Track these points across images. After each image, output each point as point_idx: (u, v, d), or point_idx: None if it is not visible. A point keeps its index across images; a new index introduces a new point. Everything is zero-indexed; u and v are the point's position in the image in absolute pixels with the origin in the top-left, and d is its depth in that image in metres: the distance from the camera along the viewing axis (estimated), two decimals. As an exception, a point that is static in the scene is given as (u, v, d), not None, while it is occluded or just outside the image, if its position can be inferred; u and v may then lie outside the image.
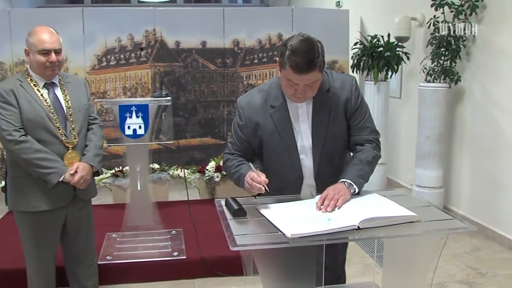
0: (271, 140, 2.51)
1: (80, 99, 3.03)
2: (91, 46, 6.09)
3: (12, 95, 2.79)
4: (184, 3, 12.49)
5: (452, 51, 4.87)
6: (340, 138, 2.53)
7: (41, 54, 2.82)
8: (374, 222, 2.04)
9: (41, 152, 2.78)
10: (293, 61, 2.22)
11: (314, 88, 2.35)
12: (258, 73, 6.42)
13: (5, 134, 2.76)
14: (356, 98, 2.50)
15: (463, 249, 4.46)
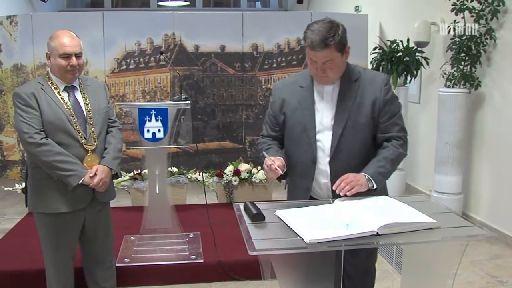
0: (293, 117, 2.61)
1: (99, 102, 3.05)
2: (111, 50, 6.15)
3: (33, 98, 2.80)
4: (203, 7, 12.55)
5: (472, 56, 4.83)
6: (360, 129, 2.53)
7: (62, 58, 2.83)
8: (393, 228, 2.03)
9: (61, 155, 2.79)
10: (309, 38, 2.41)
11: (333, 68, 2.45)
12: (277, 77, 6.42)
13: (26, 137, 2.77)
14: (385, 94, 2.54)
15: (483, 256, 4.41)
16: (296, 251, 1.92)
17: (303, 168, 2.61)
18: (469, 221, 2.26)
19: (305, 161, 2.59)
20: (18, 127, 2.81)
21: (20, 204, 5.92)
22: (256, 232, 2.05)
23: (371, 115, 2.53)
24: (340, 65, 2.48)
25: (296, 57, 6.42)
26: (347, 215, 2.19)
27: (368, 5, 7.63)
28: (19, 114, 2.81)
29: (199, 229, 4.39)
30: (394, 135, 2.56)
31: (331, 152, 2.53)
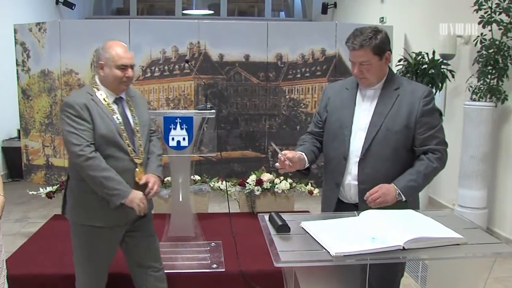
0: (334, 114, 2.76)
1: (143, 114, 3.05)
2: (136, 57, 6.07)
3: (86, 110, 2.76)
4: (228, 16, 12.62)
5: (499, 70, 4.79)
6: (393, 137, 2.60)
7: (119, 69, 2.82)
8: (419, 243, 2.02)
9: (107, 171, 2.75)
10: (349, 39, 2.59)
11: (370, 70, 2.58)
12: (301, 87, 6.42)
13: (76, 149, 2.71)
14: (424, 105, 2.60)
15: (508, 273, 4.35)
16: (322, 263, 1.91)
17: (335, 163, 2.73)
18: (496, 238, 2.23)
19: (337, 157, 2.71)
20: (68, 138, 2.75)
21: (44, 207, 6.00)
22: (281, 243, 2.05)
23: (406, 125, 2.60)
24: (377, 68, 2.60)
25: (320, 68, 6.42)
26: (373, 228, 2.18)
27: (393, 17, 7.60)
28: (69, 124, 2.75)
29: (221, 238, 4.39)
30: (432, 148, 2.60)
31: (362, 153, 2.63)
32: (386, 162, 2.61)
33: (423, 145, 2.61)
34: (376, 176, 2.59)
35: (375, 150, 2.61)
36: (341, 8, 10.42)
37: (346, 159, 2.67)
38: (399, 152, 2.62)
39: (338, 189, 2.73)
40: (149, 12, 13.72)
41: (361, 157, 2.63)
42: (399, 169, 2.61)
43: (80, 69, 6.16)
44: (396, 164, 2.62)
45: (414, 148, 2.63)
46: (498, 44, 4.76)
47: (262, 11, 13.59)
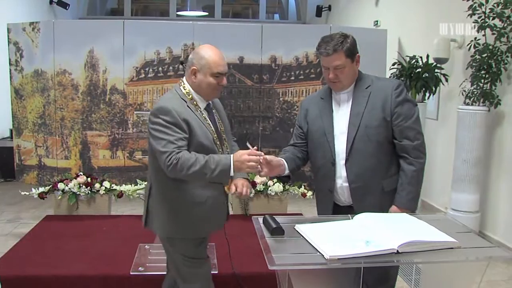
0: (314, 124, 2.87)
1: (225, 119, 2.97)
2: (130, 58, 6.19)
3: (184, 119, 2.61)
4: (222, 18, 12.62)
5: (492, 74, 4.81)
6: (374, 132, 2.71)
7: (214, 76, 2.68)
8: (413, 247, 2.02)
9: (197, 163, 2.52)
10: (321, 46, 2.66)
11: (345, 73, 2.68)
12: (295, 90, 6.43)
13: (164, 157, 2.53)
14: (396, 96, 2.71)
15: (500, 276, 4.36)
16: (316, 267, 1.91)
17: (324, 170, 2.83)
18: (489, 241, 2.24)
19: (325, 164, 2.82)
20: (157, 147, 2.57)
21: (36, 208, 5.98)
22: (276, 246, 2.05)
23: (383, 117, 2.70)
24: (351, 71, 2.71)
25: (314, 71, 6.42)
26: (367, 231, 2.18)
27: (387, 20, 7.63)
28: (161, 131, 2.58)
29: (213, 240, 4.36)
30: (409, 146, 2.71)
31: (346, 153, 2.74)
32: (371, 158, 2.72)
33: (401, 137, 2.71)
34: (364, 173, 2.73)
35: (359, 148, 2.72)
36: (336, 11, 10.44)
37: (333, 164, 2.78)
38: (382, 146, 2.73)
39: (332, 194, 2.83)
40: (144, 13, 13.71)
41: (347, 158, 2.74)
42: (385, 162, 2.75)
43: (73, 69, 6.14)
44: (381, 158, 2.74)
45: (394, 141, 2.74)
46: (491, 48, 4.78)
47: (256, 13, 13.60)
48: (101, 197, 5.23)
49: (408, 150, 2.71)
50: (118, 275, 3.77)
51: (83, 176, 5.20)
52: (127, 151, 6.27)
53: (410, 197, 2.72)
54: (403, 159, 2.74)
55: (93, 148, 6.25)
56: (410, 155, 2.71)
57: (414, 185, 2.72)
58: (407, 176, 2.71)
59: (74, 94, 6.16)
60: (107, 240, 4.45)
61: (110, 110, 6.21)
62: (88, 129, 6.21)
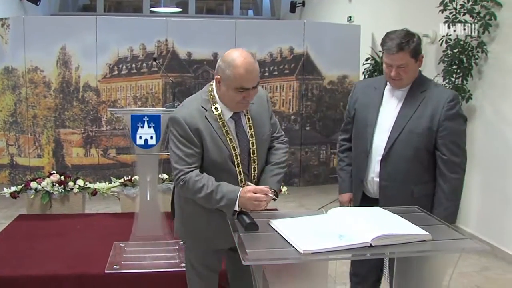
0: (360, 112, 2.91)
1: (264, 124, 2.65)
2: (103, 55, 6.13)
3: (196, 132, 2.45)
4: (196, 14, 12.57)
5: (464, 69, 4.87)
6: (416, 138, 2.72)
7: (238, 91, 2.39)
8: (386, 240, 2.04)
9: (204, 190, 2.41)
10: (387, 43, 2.66)
11: (407, 72, 2.67)
12: (269, 86, 6.44)
13: (175, 173, 2.48)
14: (448, 109, 2.69)
15: (472, 268, 4.43)
16: (290, 261, 1.91)
17: (359, 160, 2.91)
18: (461, 234, 2.27)
19: (361, 154, 2.89)
20: (171, 157, 2.51)
21: (8, 208, 5.89)
22: (250, 241, 2.05)
23: (429, 127, 2.70)
24: (413, 70, 2.70)
25: (288, 66, 6.44)
26: (340, 225, 2.20)
27: (361, 16, 7.66)
28: (174, 143, 2.49)
29: (189, 237, 4.36)
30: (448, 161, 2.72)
31: (384, 152, 2.77)
32: (407, 162, 2.74)
33: (443, 150, 2.72)
34: (397, 175, 2.76)
35: (397, 150, 2.74)
36: (309, 7, 10.46)
37: (368, 156, 2.84)
38: (420, 153, 2.75)
39: (362, 184, 2.91)
40: (116, 9, 13.58)
41: (384, 156, 2.77)
42: (420, 169, 2.77)
43: (45, 66, 6.06)
44: (416, 165, 2.76)
45: (436, 152, 2.75)
46: (462, 44, 4.84)
47: (230, 9, 13.57)
48: (75, 196, 5.17)
49: (446, 165, 2.73)
50: (93, 274, 3.73)
51: (56, 175, 5.14)
52: (101, 149, 6.22)
53: (449, 213, 2.73)
54: (440, 173, 2.76)
55: (67, 146, 6.19)
56: (448, 170, 2.73)
57: (452, 200, 2.76)
58: (444, 192, 2.74)
59: (46, 92, 6.08)
60: (82, 239, 4.40)
61: (83, 108, 6.15)
62: (61, 127, 6.14)
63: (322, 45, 6.48)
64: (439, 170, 2.76)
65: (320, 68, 6.51)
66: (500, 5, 4.63)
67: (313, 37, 6.42)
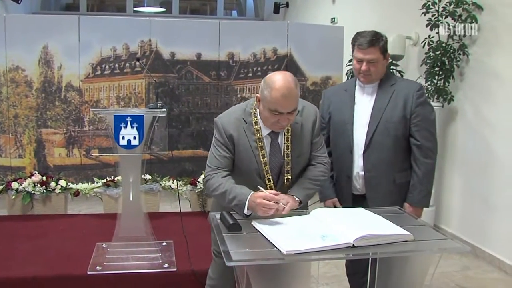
0: (336, 114, 3.08)
1: (303, 145, 2.66)
2: (86, 55, 6.07)
3: (231, 141, 2.58)
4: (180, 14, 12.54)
5: (446, 71, 4.92)
6: (392, 127, 2.93)
7: (273, 113, 2.43)
8: (368, 240, 2.05)
9: (222, 188, 2.52)
10: (359, 40, 2.90)
11: (376, 67, 2.89)
12: (252, 86, 6.43)
13: (206, 170, 2.65)
14: (417, 97, 2.93)
15: (453, 267, 4.48)
16: (273, 262, 1.92)
17: (343, 157, 3.06)
18: (443, 234, 2.29)
19: (344, 151, 3.05)
20: (208, 157, 2.69)
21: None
22: (233, 242, 2.06)
23: (403, 115, 2.93)
24: (381, 66, 2.93)
25: (272, 67, 6.44)
26: (323, 226, 2.21)
27: (344, 17, 7.71)
28: (213, 143, 2.66)
29: (172, 238, 4.36)
30: (421, 146, 2.94)
31: (365, 144, 2.97)
32: (388, 151, 2.95)
33: (416, 136, 2.94)
34: (380, 164, 2.97)
35: (377, 140, 2.94)
36: (293, 8, 10.49)
37: (351, 152, 3.01)
38: (399, 141, 2.96)
39: (350, 180, 3.07)
40: (100, 9, 13.49)
41: (365, 149, 2.97)
42: (400, 156, 2.99)
43: (27, 66, 5.99)
44: (397, 152, 2.98)
45: (410, 139, 2.97)
46: (444, 46, 4.89)
47: (214, 9, 13.56)
48: (57, 196, 5.14)
49: (420, 150, 2.95)
50: (75, 275, 3.71)
51: (38, 175, 5.10)
52: (84, 149, 6.17)
53: (422, 196, 2.98)
54: (414, 158, 2.98)
55: (48, 146, 6.13)
56: (421, 155, 2.96)
57: (424, 184, 2.97)
58: (418, 176, 2.96)
59: (28, 91, 6.02)
60: (64, 240, 4.37)
61: (66, 108, 6.09)
62: (43, 127, 6.07)
63: (305, 46, 6.48)
64: (414, 156, 2.98)
65: (304, 69, 6.52)
66: (481, 9, 4.69)
67: (297, 38, 6.43)
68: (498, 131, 4.56)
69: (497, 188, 4.58)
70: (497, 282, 4.28)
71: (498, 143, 4.57)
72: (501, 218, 4.54)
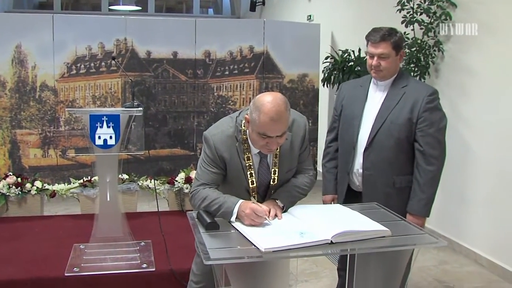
0: (347, 107, 3.10)
1: (291, 161, 2.62)
2: (60, 54, 6.01)
3: (222, 160, 2.52)
4: (155, 13, 12.47)
5: (421, 68, 4.95)
6: (397, 129, 2.90)
7: (261, 136, 2.35)
8: (347, 237, 2.06)
9: (207, 199, 2.44)
10: (372, 34, 2.90)
11: (388, 63, 2.86)
12: (229, 84, 6.43)
13: (194, 183, 2.58)
14: (427, 102, 2.87)
15: (431, 262, 4.52)
16: (251, 260, 1.92)
17: (346, 152, 3.09)
18: (420, 229, 2.31)
19: (347, 147, 3.07)
20: (197, 168, 2.62)
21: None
22: (211, 241, 2.05)
23: (409, 118, 2.88)
24: (393, 63, 2.90)
25: (248, 65, 6.44)
26: (301, 223, 2.21)
27: (320, 15, 7.73)
28: (202, 157, 2.57)
29: (150, 237, 4.33)
30: (425, 153, 2.89)
31: (367, 142, 2.95)
32: (389, 152, 2.92)
33: (421, 142, 2.89)
34: (379, 163, 2.94)
35: (379, 140, 2.92)
36: (269, 5, 10.50)
37: (354, 148, 3.02)
38: (401, 144, 2.92)
39: (348, 176, 3.09)
40: (74, 7, 13.35)
41: (366, 147, 2.96)
42: (401, 159, 2.95)
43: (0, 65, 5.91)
44: (398, 155, 2.94)
45: (415, 144, 2.92)
46: (420, 43, 4.93)
47: (190, 8, 13.50)
48: (32, 198, 5.08)
49: (423, 156, 2.89)
50: (52, 277, 3.67)
51: (13, 176, 5.03)
52: (60, 149, 6.10)
53: (422, 204, 2.91)
54: (416, 165, 2.92)
55: (23, 147, 6.05)
56: (424, 162, 2.89)
57: (425, 192, 2.90)
58: (419, 184, 2.90)
59: (1, 91, 5.93)
60: (40, 242, 4.32)
61: (41, 108, 6.02)
62: (18, 128, 6.00)
63: (282, 43, 6.50)
64: (416, 162, 2.92)
65: (280, 67, 6.53)
66: (455, 6, 4.73)
67: (273, 36, 6.43)
68: (473, 126, 4.61)
69: (473, 183, 4.64)
70: (474, 275, 4.33)
71: (473, 139, 4.62)
72: (477, 213, 4.60)
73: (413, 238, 2.22)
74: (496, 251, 4.41)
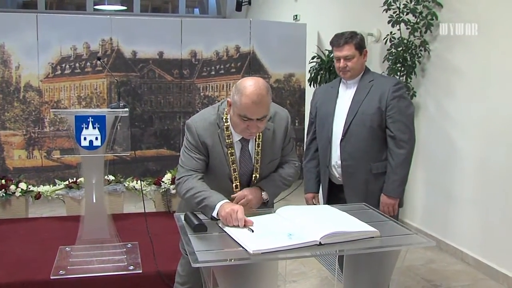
0: (320, 109, 3.34)
1: (273, 151, 2.65)
2: (45, 54, 5.95)
3: (204, 147, 2.55)
4: (141, 12, 12.41)
5: (407, 67, 4.97)
6: (369, 119, 3.12)
7: (242, 119, 2.38)
8: (335, 238, 2.06)
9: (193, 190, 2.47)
10: (334, 39, 3.17)
11: (354, 63, 3.12)
12: (215, 84, 6.41)
13: (179, 173, 2.57)
14: (394, 91, 3.11)
15: (418, 261, 4.53)
16: (240, 262, 1.90)
17: (324, 148, 3.30)
18: (407, 229, 2.31)
19: (324, 142, 3.29)
20: (180, 157, 2.62)
21: None
22: (199, 243, 2.03)
23: (379, 107, 3.10)
24: (359, 63, 3.15)
25: (235, 65, 6.42)
26: (289, 224, 2.20)
27: (306, 15, 7.72)
28: (185, 145, 2.60)
29: (137, 239, 4.30)
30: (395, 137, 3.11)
31: (342, 134, 3.17)
32: (364, 141, 3.14)
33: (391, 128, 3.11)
34: (355, 153, 3.16)
35: (354, 130, 3.13)
36: (255, 5, 10.48)
37: (330, 142, 3.24)
38: (374, 132, 3.14)
39: (327, 169, 3.31)
40: (59, 7, 13.23)
41: (342, 138, 3.17)
42: (376, 147, 3.17)
43: (-17, 66, 5.85)
44: (373, 143, 3.16)
45: (386, 130, 3.13)
46: (406, 42, 4.94)
47: (176, 7, 13.45)
48: (17, 200, 5.03)
49: (394, 141, 3.12)
50: (37, 280, 3.64)
51: (-3, 178, 4.98)
52: (45, 151, 6.05)
53: (395, 185, 3.15)
54: (389, 150, 3.15)
55: (7, 149, 5.98)
56: (395, 146, 3.12)
57: (398, 173, 3.13)
58: (392, 166, 3.13)
59: (-15, 92, 5.87)
60: (25, 244, 4.28)
61: (25, 108, 5.96)
62: (1, 129, 5.93)
63: (268, 43, 6.49)
64: (388, 147, 3.15)
65: (267, 67, 6.52)
66: (441, 6, 4.75)
67: (259, 36, 6.42)
68: (459, 125, 4.63)
69: (459, 181, 4.66)
70: (460, 273, 4.35)
71: (459, 137, 4.64)
72: (463, 211, 4.62)
73: (402, 238, 2.22)
74: (482, 250, 4.43)
